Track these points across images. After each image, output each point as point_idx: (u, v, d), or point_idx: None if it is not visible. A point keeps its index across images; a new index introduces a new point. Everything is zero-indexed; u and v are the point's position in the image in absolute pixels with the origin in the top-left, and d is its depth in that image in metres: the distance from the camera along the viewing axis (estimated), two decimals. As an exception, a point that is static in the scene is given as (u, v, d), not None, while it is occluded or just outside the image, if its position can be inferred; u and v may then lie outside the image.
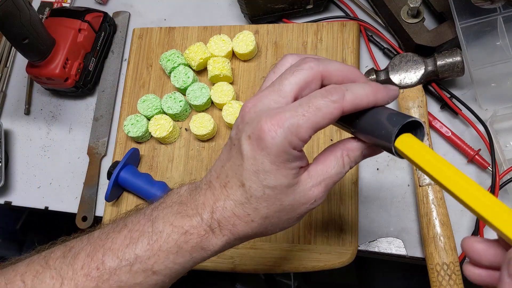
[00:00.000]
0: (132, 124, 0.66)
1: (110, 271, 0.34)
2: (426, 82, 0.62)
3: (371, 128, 0.34)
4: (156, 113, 0.67)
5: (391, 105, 0.65)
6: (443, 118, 0.63)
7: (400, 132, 0.33)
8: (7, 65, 0.79)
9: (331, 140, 0.63)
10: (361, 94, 0.32)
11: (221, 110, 0.66)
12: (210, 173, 0.37)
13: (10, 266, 0.36)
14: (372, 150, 0.36)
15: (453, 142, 0.61)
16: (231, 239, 0.35)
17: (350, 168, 0.36)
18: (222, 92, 0.65)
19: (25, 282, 0.34)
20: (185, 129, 0.68)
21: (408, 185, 0.61)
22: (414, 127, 0.34)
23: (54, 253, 0.36)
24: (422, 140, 0.33)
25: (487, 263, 0.29)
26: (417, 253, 0.58)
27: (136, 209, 0.39)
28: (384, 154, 0.63)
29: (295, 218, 0.36)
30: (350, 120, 0.35)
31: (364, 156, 0.37)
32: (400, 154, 0.33)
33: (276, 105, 0.33)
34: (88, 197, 0.68)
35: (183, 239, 0.35)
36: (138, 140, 0.67)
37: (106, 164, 0.70)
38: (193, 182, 0.38)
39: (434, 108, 0.64)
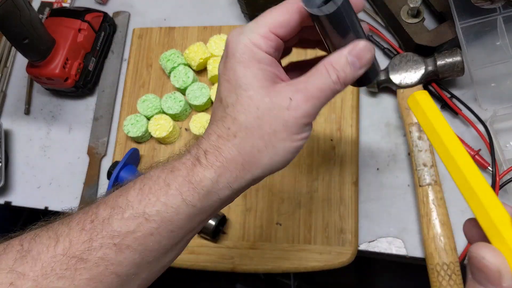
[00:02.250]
0: (132, 124, 0.66)
1: (103, 221, 0.32)
2: (426, 82, 0.62)
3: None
4: (156, 113, 0.67)
5: (391, 105, 0.65)
6: (443, 118, 0.63)
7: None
8: (7, 65, 0.79)
9: (331, 140, 0.63)
10: None
11: (221, 110, 0.66)
12: None
13: (14, 238, 0.35)
14: (355, 53, 0.33)
15: (453, 142, 0.61)
16: (219, 167, 0.33)
17: (340, 78, 0.33)
18: (222, 92, 0.65)
19: (23, 245, 0.33)
20: (185, 129, 0.68)
21: (408, 185, 0.61)
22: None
23: (55, 219, 0.35)
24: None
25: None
26: (417, 253, 0.58)
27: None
28: (385, 154, 0.63)
29: (283, 133, 0.32)
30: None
31: (353, 64, 0.33)
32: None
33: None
34: (88, 197, 0.68)
35: (171, 177, 0.33)
36: (138, 140, 0.67)
37: (106, 164, 0.70)
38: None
39: (434, 108, 0.64)
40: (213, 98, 0.66)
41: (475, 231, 0.27)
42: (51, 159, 0.72)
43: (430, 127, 0.29)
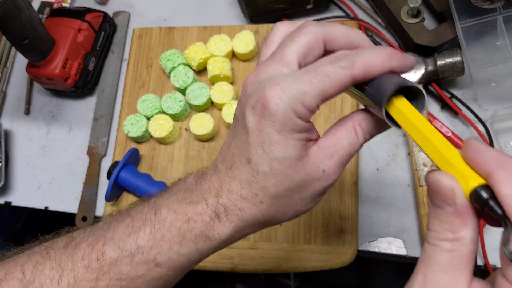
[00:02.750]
0: (132, 124, 0.66)
1: (111, 262, 0.32)
2: (426, 82, 0.62)
3: (373, 94, 0.30)
4: (156, 113, 0.67)
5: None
6: (443, 118, 0.63)
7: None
8: (7, 65, 0.79)
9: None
10: (373, 60, 0.29)
11: (221, 110, 0.66)
12: (216, 158, 0.34)
13: (11, 257, 0.35)
14: (385, 122, 0.32)
15: (453, 142, 0.61)
16: (239, 226, 0.32)
17: (365, 140, 0.33)
18: (222, 92, 0.65)
19: (24, 273, 0.33)
20: (185, 129, 0.68)
21: (408, 185, 0.61)
22: (415, 97, 0.31)
23: (55, 243, 0.35)
24: (422, 107, 0.30)
25: None
26: (417, 253, 0.58)
27: (143, 199, 0.37)
28: (384, 154, 0.63)
29: (309, 199, 0.33)
30: (362, 88, 0.32)
31: (379, 128, 0.33)
32: (396, 124, 0.31)
33: (280, 74, 0.31)
34: (88, 197, 0.68)
35: (186, 227, 0.32)
36: (138, 140, 0.67)
37: (106, 164, 0.70)
38: (201, 169, 0.36)
39: (434, 108, 0.64)
40: (213, 98, 0.66)
41: None
42: (51, 159, 0.72)
43: (412, 127, 0.29)
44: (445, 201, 0.25)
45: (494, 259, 0.56)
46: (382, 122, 0.32)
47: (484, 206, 0.24)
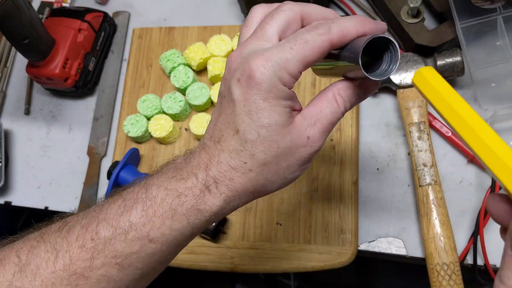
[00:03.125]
0: (132, 124, 0.66)
1: (105, 240, 0.33)
2: (426, 82, 0.62)
3: (349, 54, 0.32)
4: (156, 113, 0.67)
5: (391, 105, 0.65)
6: (443, 118, 0.63)
7: (373, 54, 0.32)
8: (7, 65, 0.79)
9: (331, 140, 0.63)
10: (348, 25, 0.32)
11: (221, 110, 0.66)
12: (204, 137, 0.35)
13: (7, 245, 0.35)
14: (363, 87, 0.35)
15: (453, 142, 0.61)
16: (230, 196, 0.33)
17: (346, 109, 0.34)
18: (222, 92, 0.65)
19: (20, 257, 0.33)
20: (185, 129, 0.68)
21: (408, 185, 0.61)
22: (387, 48, 0.33)
23: (49, 228, 0.35)
24: (396, 59, 0.32)
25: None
26: (417, 253, 0.58)
27: (132, 183, 0.38)
28: (384, 154, 0.63)
29: (296, 166, 0.34)
30: (337, 56, 0.34)
31: (359, 96, 0.35)
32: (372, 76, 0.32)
33: (262, 48, 0.32)
34: (88, 197, 0.68)
35: (177, 202, 0.33)
36: (138, 140, 0.67)
37: (106, 164, 0.70)
38: (188, 150, 0.37)
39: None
40: (213, 98, 0.66)
41: (502, 206, 0.28)
42: (51, 159, 0.72)
43: (441, 101, 0.29)
44: None
45: (495, 259, 0.56)
46: (361, 90, 0.35)
47: None
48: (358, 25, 0.32)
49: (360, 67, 0.31)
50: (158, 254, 0.34)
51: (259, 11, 0.36)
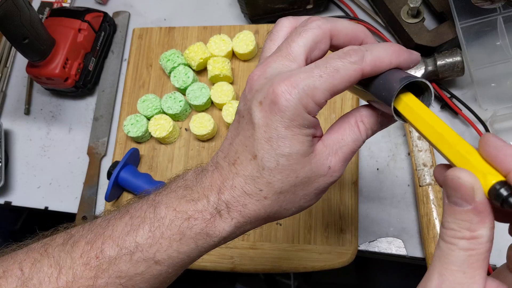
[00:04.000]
0: (132, 124, 0.66)
1: (110, 260, 0.32)
2: (426, 82, 0.62)
3: (379, 90, 0.31)
4: (156, 113, 0.67)
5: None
6: (443, 118, 0.63)
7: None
8: (7, 65, 0.79)
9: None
10: (382, 55, 0.30)
11: (221, 110, 0.66)
12: (217, 154, 0.34)
13: (9, 254, 0.35)
14: (387, 117, 0.33)
15: (453, 142, 0.61)
16: (241, 222, 0.32)
17: (368, 136, 0.33)
18: (222, 92, 0.65)
19: (22, 270, 0.33)
20: (185, 129, 0.68)
21: (408, 185, 0.61)
22: (421, 92, 0.32)
23: (54, 240, 0.34)
24: (429, 103, 0.31)
25: None
26: (417, 253, 0.58)
27: (140, 195, 0.37)
28: (384, 154, 0.63)
29: (312, 195, 0.33)
30: (366, 84, 0.32)
31: (381, 124, 0.33)
32: (402, 118, 0.31)
33: (287, 69, 0.31)
34: (88, 197, 0.68)
35: (186, 225, 0.32)
36: (138, 140, 0.67)
37: (106, 164, 0.70)
38: (200, 166, 0.35)
39: (434, 108, 0.64)
40: (213, 98, 0.66)
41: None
42: (51, 159, 0.72)
43: (421, 122, 0.30)
44: (464, 198, 0.25)
45: (495, 259, 0.56)
46: (384, 118, 0.33)
47: (504, 203, 0.23)
48: (393, 55, 0.30)
49: (392, 111, 0.30)
50: (163, 275, 0.33)
51: (285, 24, 0.34)
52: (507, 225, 0.31)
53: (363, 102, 0.66)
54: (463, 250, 0.25)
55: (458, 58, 0.59)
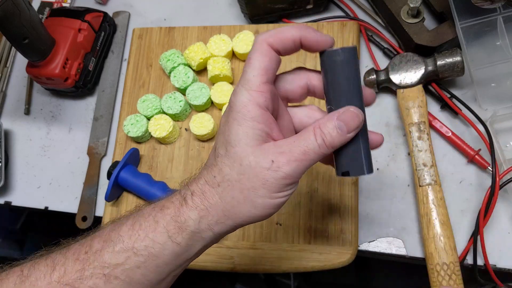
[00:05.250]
0: (132, 124, 0.66)
1: (96, 252, 0.35)
2: (426, 82, 0.62)
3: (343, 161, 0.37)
4: (156, 113, 0.67)
5: (391, 105, 0.65)
6: (443, 118, 0.63)
7: None
8: (7, 65, 0.79)
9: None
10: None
11: (221, 110, 0.66)
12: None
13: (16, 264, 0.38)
14: (343, 119, 0.36)
15: (453, 142, 0.61)
16: (203, 210, 0.35)
17: (325, 142, 0.34)
18: (222, 92, 0.65)
19: (23, 270, 0.36)
20: (185, 129, 0.68)
21: (408, 185, 0.61)
22: None
23: (52, 249, 0.38)
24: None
25: None
26: (417, 253, 0.58)
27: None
28: (384, 154, 0.63)
29: (261, 189, 0.34)
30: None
31: (340, 128, 0.35)
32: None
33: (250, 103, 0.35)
34: (88, 197, 0.68)
35: (160, 215, 0.35)
36: (138, 140, 0.67)
37: (106, 164, 0.70)
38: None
39: (434, 108, 0.64)
40: (213, 98, 0.66)
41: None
42: (51, 159, 0.72)
43: None
44: None
45: (495, 259, 0.56)
46: (340, 121, 0.35)
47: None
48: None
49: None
50: (141, 268, 0.35)
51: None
52: (507, 225, 0.31)
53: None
54: None
55: (458, 58, 0.59)
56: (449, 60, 0.59)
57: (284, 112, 0.39)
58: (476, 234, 0.56)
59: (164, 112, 0.67)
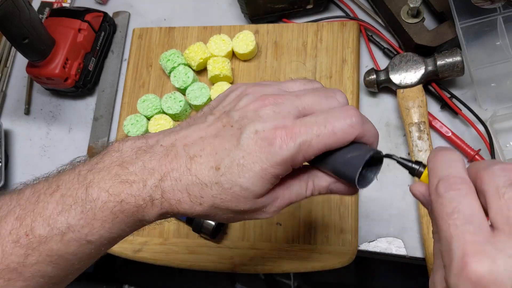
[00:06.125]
0: (132, 124, 0.66)
1: (40, 239, 0.32)
2: (426, 82, 0.62)
3: (341, 164, 0.33)
4: (156, 113, 0.67)
5: (391, 105, 0.65)
6: (443, 118, 0.63)
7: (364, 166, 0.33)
8: (7, 65, 0.79)
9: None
10: (372, 128, 0.34)
11: (221, 110, 0.66)
12: (177, 134, 0.33)
13: None
14: (338, 188, 0.35)
15: (453, 142, 0.61)
16: (168, 212, 0.33)
17: (313, 195, 0.35)
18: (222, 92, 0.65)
19: None
20: (185, 129, 0.68)
21: (408, 185, 0.61)
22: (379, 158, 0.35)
23: None
24: (376, 172, 0.37)
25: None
26: (417, 253, 0.58)
27: (72, 164, 0.36)
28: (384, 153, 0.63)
29: (237, 218, 0.34)
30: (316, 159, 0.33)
31: (331, 191, 0.35)
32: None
33: (295, 110, 0.32)
34: (88, 197, 0.68)
35: (119, 208, 0.32)
36: (138, 140, 0.67)
37: (106, 164, 0.70)
38: (142, 137, 0.34)
39: (434, 108, 0.64)
40: (213, 98, 0.66)
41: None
42: (51, 159, 0.72)
43: None
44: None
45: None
46: (334, 188, 0.35)
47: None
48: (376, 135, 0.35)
49: (356, 185, 0.33)
50: (93, 253, 0.34)
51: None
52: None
53: (362, 104, 0.66)
54: None
55: (458, 58, 0.59)
56: (449, 60, 0.59)
57: None
58: (476, 234, 0.56)
59: (164, 112, 0.67)
